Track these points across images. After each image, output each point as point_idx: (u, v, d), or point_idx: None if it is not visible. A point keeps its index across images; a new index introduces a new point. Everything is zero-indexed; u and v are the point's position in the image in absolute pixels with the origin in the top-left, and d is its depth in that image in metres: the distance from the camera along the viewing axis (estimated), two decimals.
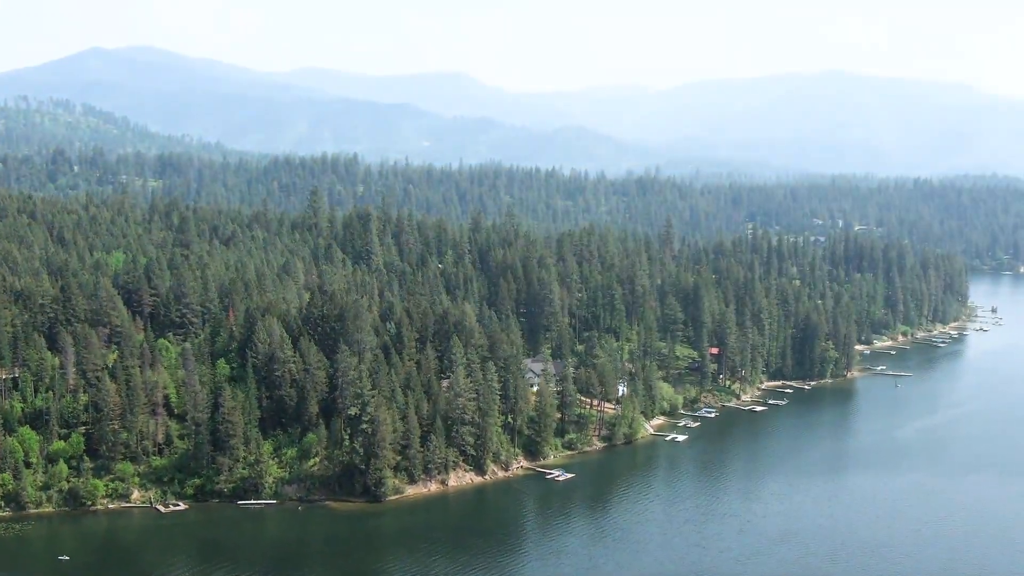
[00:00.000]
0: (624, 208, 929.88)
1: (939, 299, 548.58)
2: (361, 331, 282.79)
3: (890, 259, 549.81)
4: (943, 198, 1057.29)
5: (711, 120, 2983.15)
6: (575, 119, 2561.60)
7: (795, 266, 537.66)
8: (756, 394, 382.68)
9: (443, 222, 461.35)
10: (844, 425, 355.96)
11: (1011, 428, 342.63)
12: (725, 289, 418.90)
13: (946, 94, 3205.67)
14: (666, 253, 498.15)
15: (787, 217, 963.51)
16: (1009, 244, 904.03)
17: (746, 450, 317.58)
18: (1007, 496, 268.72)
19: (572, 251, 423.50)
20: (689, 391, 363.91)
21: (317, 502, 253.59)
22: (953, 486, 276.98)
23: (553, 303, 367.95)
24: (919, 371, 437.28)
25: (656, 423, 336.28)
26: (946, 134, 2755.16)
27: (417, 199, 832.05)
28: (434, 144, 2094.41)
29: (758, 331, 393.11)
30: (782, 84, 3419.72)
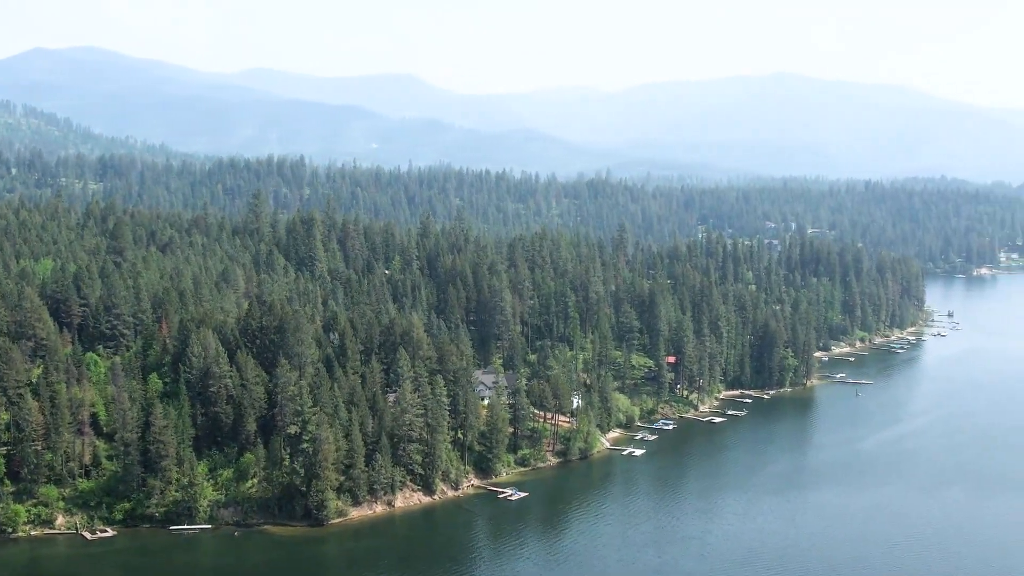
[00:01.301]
0: (576, 211, 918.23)
1: (896, 304, 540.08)
2: (302, 343, 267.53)
3: (847, 263, 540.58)
4: (895, 201, 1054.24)
5: (661, 122, 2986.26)
6: (525, 121, 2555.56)
7: (751, 271, 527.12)
8: (714, 404, 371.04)
9: (391, 226, 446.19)
10: (806, 437, 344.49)
11: (976, 439, 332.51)
12: (681, 296, 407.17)
13: (893, 97, 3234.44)
14: (620, 258, 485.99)
15: (739, 220, 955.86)
16: (962, 247, 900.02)
17: (705, 465, 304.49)
18: (978, 513, 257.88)
19: (524, 257, 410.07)
20: (646, 402, 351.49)
21: (255, 526, 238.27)
22: (922, 502, 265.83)
23: (504, 311, 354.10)
24: (879, 378, 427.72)
25: (612, 436, 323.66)
26: (893, 137, 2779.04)
27: (365, 202, 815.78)
28: (383, 146, 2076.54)
29: (716, 339, 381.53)
30: (732, 86, 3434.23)
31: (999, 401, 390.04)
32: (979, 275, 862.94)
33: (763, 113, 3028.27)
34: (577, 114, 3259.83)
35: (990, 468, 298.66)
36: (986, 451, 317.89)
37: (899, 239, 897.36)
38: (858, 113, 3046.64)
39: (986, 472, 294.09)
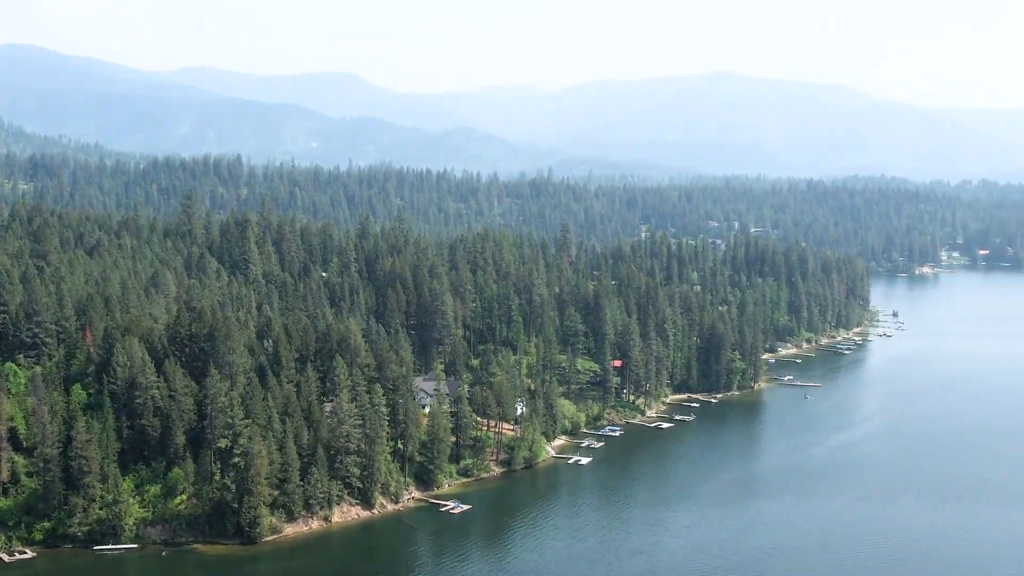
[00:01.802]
0: (518, 211, 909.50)
1: (842, 304, 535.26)
2: (233, 352, 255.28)
3: (792, 263, 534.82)
4: (836, 200, 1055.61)
5: (602, 121, 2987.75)
6: (466, 120, 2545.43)
7: (695, 271, 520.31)
8: (661, 409, 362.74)
9: (329, 228, 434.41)
10: (755, 443, 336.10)
11: (928, 445, 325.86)
12: (627, 298, 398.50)
13: (832, 97, 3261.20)
14: (563, 259, 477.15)
15: (682, 219, 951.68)
16: (904, 246, 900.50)
17: (653, 474, 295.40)
18: (937, 523, 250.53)
19: (465, 258, 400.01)
20: (592, 408, 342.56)
21: (184, 545, 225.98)
22: (878, 512, 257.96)
23: (446, 315, 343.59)
24: (827, 381, 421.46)
25: (558, 444, 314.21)
26: (833, 136, 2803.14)
27: (304, 202, 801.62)
28: (323, 145, 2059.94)
29: (662, 342, 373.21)
30: (671, 85, 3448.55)
31: (947, 404, 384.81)
32: (921, 274, 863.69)
33: (703, 112, 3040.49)
34: (518, 113, 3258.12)
35: (943, 475, 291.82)
36: (938, 457, 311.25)
37: (842, 238, 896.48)
38: (797, 112, 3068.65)
39: (940, 480, 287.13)
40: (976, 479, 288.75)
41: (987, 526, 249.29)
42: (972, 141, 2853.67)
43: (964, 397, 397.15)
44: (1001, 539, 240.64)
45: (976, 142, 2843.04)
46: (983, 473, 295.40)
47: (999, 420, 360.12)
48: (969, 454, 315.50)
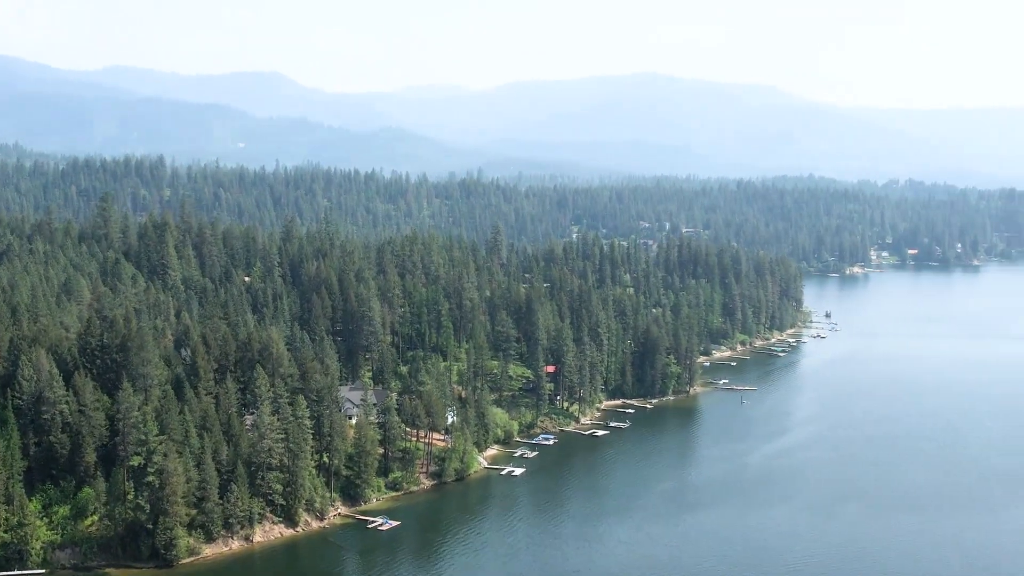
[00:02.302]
0: (448, 212, 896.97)
1: (776, 306, 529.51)
2: (148, 363, 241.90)
3: (725, 265, 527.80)
4: (766, 200, 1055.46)
5: (531, 121, 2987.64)
6: (395, 120, 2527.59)
7: (628, 273, 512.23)
8: (596, 416, 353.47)
9: (252, 230, 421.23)
10: (692, 451, 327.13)
11: (865, 450, 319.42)
12: (559, 301, 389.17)
13: (758, 97, 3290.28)
14: (494, 261, 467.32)
15: (613, 220, 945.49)
16: (834, 246, 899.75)
17: (588, 485, 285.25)
18: (879, 533, 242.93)
19: (393, 262, 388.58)
20: (525, 415, 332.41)
21: (96, 569, 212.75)
22: (819, 522, 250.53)
23: (373, 321, 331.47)
24: (762, 384, 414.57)
25: (490, 454, 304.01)
26: (759, 137, 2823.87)
27: (229, 204, 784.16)
28: (250, 146, 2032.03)
29: (596, 347, 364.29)
30: (600, 85, 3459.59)
31: (883, 408, 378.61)
32: (852, 274, 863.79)
33: (632, 112, 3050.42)
34: (447, 113, 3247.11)
35: (882, 483, 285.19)
36: (876, 464, 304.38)
37: (773, 238, 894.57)
38: (725, 113, 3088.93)
39: (879, 488, 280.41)
40: (916, 486, 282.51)
41: (930, 536, 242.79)
42: (896, 142, 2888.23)
43: (899, 400, 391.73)
44: (946, 549, 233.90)
45: (900, 143, 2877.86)
46: (922, 480, 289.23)
47: (935, 423, 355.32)
48: (907, 460, 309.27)
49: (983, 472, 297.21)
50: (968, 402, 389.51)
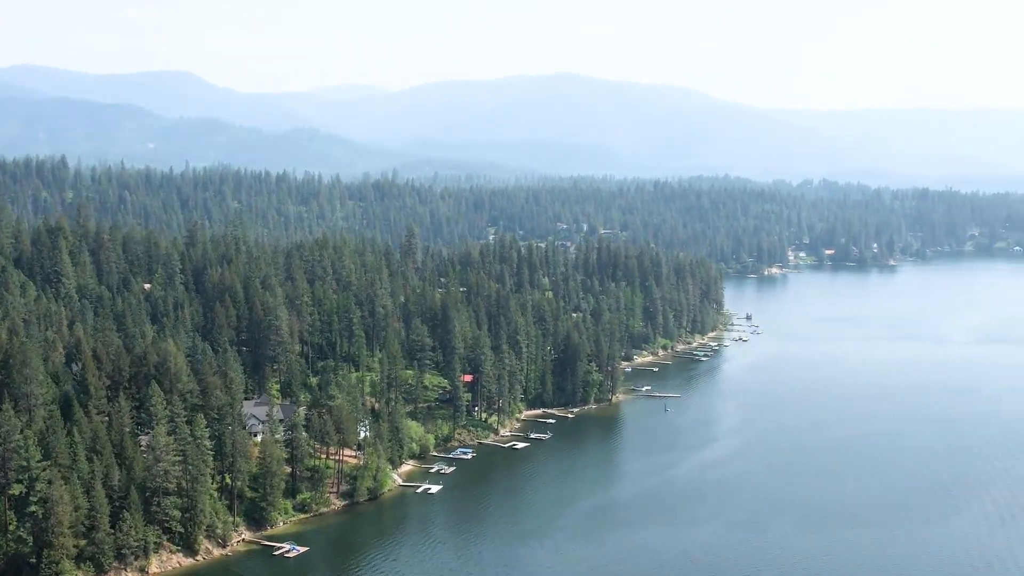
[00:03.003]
0: (362, 214, 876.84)
1: (697, 309, 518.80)
2: (31, 381, 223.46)
3: (645, 267, 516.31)
4: (684, 200, 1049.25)
5: (446, 122, 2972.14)
6: (308, 120, 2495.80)
7: (547, 277, 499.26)
8: (516, 427, 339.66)
9: (154, 235, 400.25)
10: (616, 464, 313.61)
11: (793, 461, 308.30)
12: (476, 307, 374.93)
13: (672, 98, 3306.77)
14: (409, 266, 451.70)
15: (530, 221, 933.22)
16: (752, 247, 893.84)
17: (508, 503, 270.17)
18: (816, 550, 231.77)
19: (302, 267, 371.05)
20: (441, 428, 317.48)
21: None
22: (748, 541, 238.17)
23: (280, 331, 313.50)
24: (686, 391, 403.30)
25: (405, 470, 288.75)
26: (673, 137, 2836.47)
27: (134, 207, 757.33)
28: (160, 146, 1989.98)
29: (515, 354, 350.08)
30: (514, 86, 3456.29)
31: (809, 415, 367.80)
32: (770, 274, 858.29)
33: (546, 113, 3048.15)
34: (361, 114, 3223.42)
35: (817, 495, 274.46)
36: (810, 474, 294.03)
37: (691, 239, 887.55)
38: (640, 113, 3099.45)
39: (814, 500, 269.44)
40: (851, 498, 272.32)
41: (869, 552, 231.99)
42: (808, 142, 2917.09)
43: (827, 406, 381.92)
44: (887, 566, 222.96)
45: (812, 143, 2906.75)
46: (858, 491, 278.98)
47: (866, 430, 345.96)
48: (840, 470, 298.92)
49: (919, 481, 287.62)
50: (897, 407, 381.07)
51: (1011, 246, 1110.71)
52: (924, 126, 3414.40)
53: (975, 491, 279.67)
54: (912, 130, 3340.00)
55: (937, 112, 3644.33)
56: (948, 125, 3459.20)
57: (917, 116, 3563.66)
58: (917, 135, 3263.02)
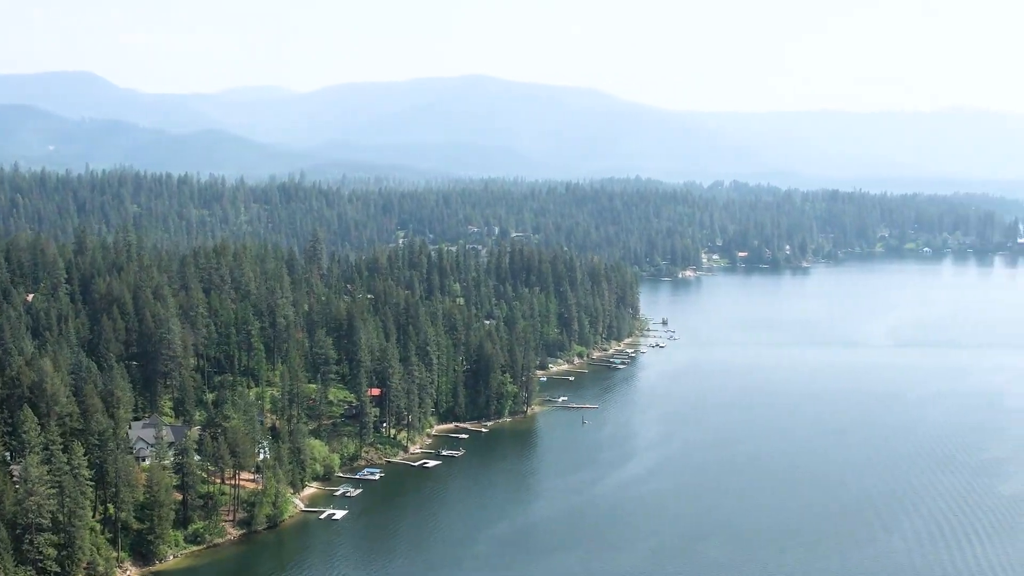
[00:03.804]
0: (267, 217, 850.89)
1: (613, 314, 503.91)
2: None
3: (559, 272, 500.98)
4: (596, 203, 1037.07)
5: (356, 123, 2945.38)
6: (215, 122, 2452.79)
7: (458, 282, 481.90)
8: (427, 443, 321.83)
9: (41, 241, 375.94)
10: (532, 482, 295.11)
11: (721, 477, 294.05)
12: (384, 316, 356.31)
13: (583, 100, 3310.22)
14: (314, 272, 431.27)
15: (441, 224, 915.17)
16: (666, 249, 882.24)
17: (417, 529, 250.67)
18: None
19: (198, 276, 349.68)
20: (347, 446, 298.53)
21: None
22: (678, 565, 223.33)
23: (172, 345, 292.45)
24: (603, 401, 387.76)
25: (308, 493, 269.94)
26: (583, 139, 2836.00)
27: (27, 211, 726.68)
28: (60, 149, 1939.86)
29: (425, 366, 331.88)
30: (424, 87, 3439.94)
31: (734, 426, 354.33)
32: (685, 277, 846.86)
33: (457, 114, 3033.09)
34: (269, 115, 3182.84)
35: (743, 514, 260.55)
36: (732, 492, 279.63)
37: (604, 242, 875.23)
38: (550, 115, 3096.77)
39: (738, 521, 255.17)
40: (774, 518, 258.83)
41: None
42: (717, 144, 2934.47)
43: (749, 416, 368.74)
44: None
45: (721, 145, 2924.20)
46: (781, 510, 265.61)
47: (791, 442, 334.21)
48: (762, 487, 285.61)
49: (848, 497, 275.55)
50: (821, 416, 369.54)
51: (920, 247, 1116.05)
52: (829, 128, 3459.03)
53: (904, 507, 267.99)
54: (818, 132, 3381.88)
55: (841, 114, 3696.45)
56: (853, 127, 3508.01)
57: (822, 118, 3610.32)
58: (823, 137, 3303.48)
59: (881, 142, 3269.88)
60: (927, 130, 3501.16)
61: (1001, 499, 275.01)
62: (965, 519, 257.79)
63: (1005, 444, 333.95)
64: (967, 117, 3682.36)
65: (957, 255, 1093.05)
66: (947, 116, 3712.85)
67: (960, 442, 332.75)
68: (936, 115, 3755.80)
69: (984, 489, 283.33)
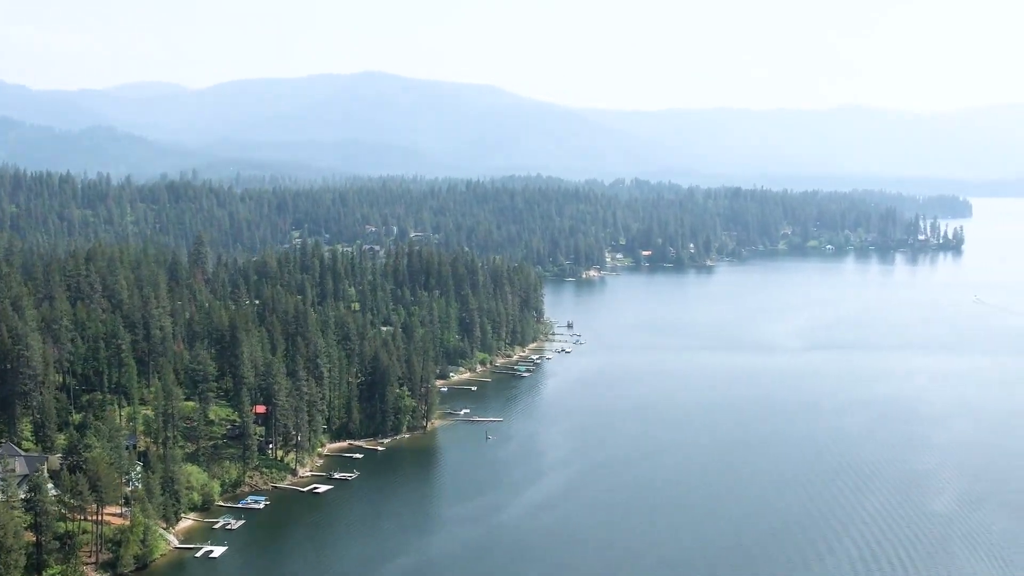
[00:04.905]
0: (154, 217, 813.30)
1: (517, 318, 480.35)
2: None
3: (460, 274, 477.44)
4: (497, 201, 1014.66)
5: (252, 120, 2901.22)
6: (107, 119, 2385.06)
7: (353, 286, 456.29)
8: (318, 465, 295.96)
9: None
10: (433, 509, 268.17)
11: (637, 499, 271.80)
12: (271, 326, 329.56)
13: (483, 97, 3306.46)
14: (197, 277, 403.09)
15: (337, 224, 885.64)
16: (569, 249, 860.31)
17: (303, 567, 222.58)
18: None
19: (64, 284, 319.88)
20: (229, 471, 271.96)
21: None
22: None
23: (32, 362, 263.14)
24: (508, 413, 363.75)
25: (184, 527, 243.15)
26: (483, 136, 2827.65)
27: None
28: None
29: (315, 381, 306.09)
30: (322, 84, 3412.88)
31: (643, 441, 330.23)
32: (588, 278, 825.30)
33: (355, 111, 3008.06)
34: (163, 112, 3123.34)
35: (661, 544, 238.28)
36: (648, 517, 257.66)
37: (506, 241, 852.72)
38: (450, 112, 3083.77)
39: (659, 552, 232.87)
40: (699, 547, 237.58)
41: None
42: (618, 141, 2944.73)
43: (659, 430, 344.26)
44: None
45: (622, 142, 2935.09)
46: (705, 537, 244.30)
47: (704, 458, 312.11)
48: (683, 510, 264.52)
49: (775, 520, 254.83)
50: (738, 428, 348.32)
51: (823, 245, 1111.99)
52: (727, 126, 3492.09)
53: (835, 530, 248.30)
54: (716, 130, 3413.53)
55: (739, 111, 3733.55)
56: (750, 124, 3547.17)
57: (720, 116, 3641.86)
58: (721, 135, 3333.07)
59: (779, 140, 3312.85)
60: (824, 128, 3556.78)
61: (933, 519, 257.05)
62: (899, 543, 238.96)
63: (930, 456, 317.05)
64: (863, 115, 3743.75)
65: (859, 252, 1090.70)
66: (843, 114, 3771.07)
67: (883, 455, 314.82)
68: (832, 113, 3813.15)
69: (915, 508, 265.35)
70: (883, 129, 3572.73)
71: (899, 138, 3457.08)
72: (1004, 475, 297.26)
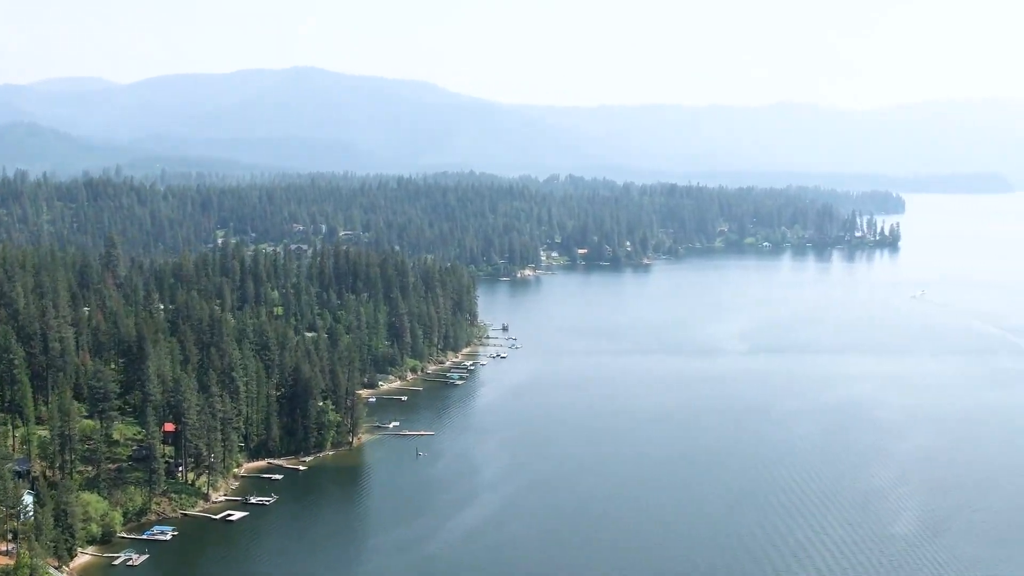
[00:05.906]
0: (72, 216, 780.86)
1: (449, 322, 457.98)
2: None
3: (389, 276, 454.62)
4: (429, 198, 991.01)
5: (179, 116, 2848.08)
6: (27, 115, 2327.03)
7: (276, 290, 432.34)
8: (233, 488, 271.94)
9: None
10: (359, 537, 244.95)
11: (578, 521, 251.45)
12: (183, 336, 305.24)
13: (415, 93, 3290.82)
14: (107, 281, 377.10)
15: (264, 223, 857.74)
16: (503, 247, 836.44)
17: None
18: None
19: None
20: (133, 498, 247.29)
21: None
22: None
23: None
24: (440, 425, 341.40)
25: (81, 563, 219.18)
26: (416, 133, 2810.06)
27: None
28: None
29: (230, 396, 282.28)
30: (251, 80, 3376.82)
31: (584, 454, 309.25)
32: (524, 277, 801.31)
33: (285, 107, 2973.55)
34: (88, 108, 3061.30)
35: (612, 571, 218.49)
36: (593, 541, 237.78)
37: (439, 240, 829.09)
38: (381, 108, 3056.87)
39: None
40: (653, 568, 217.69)
41: None
42: (551, 138, 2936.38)
43: (600, 442, 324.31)
44: None
45: (555, 139, 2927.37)
46: (656, 562, 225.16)
47: (651, 473, 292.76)
48: (630, 531, 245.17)
49: (729, 544, 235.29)
50: (684, 439, 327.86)
51: (760, 242, 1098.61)
52: (660, 122, 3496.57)
53: (795, 554, 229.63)
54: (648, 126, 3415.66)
55: (671, 107, 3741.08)
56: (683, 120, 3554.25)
57: (652, 112, 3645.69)
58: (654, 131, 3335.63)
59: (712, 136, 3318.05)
60: (756, 125, 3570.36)
61: (897, 543, 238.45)
62: (864, 573, 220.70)
63: (888, 469, 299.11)
64: (795, 112, 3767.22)
65: (796, 249, 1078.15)
66: (775, 111, 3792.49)
67: (839, 469, 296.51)
68: (764, 109, 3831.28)
69: (877, 530, 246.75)
70: (815, 125, 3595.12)
71: (831, 134, 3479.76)
72: (970, 492, 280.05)
